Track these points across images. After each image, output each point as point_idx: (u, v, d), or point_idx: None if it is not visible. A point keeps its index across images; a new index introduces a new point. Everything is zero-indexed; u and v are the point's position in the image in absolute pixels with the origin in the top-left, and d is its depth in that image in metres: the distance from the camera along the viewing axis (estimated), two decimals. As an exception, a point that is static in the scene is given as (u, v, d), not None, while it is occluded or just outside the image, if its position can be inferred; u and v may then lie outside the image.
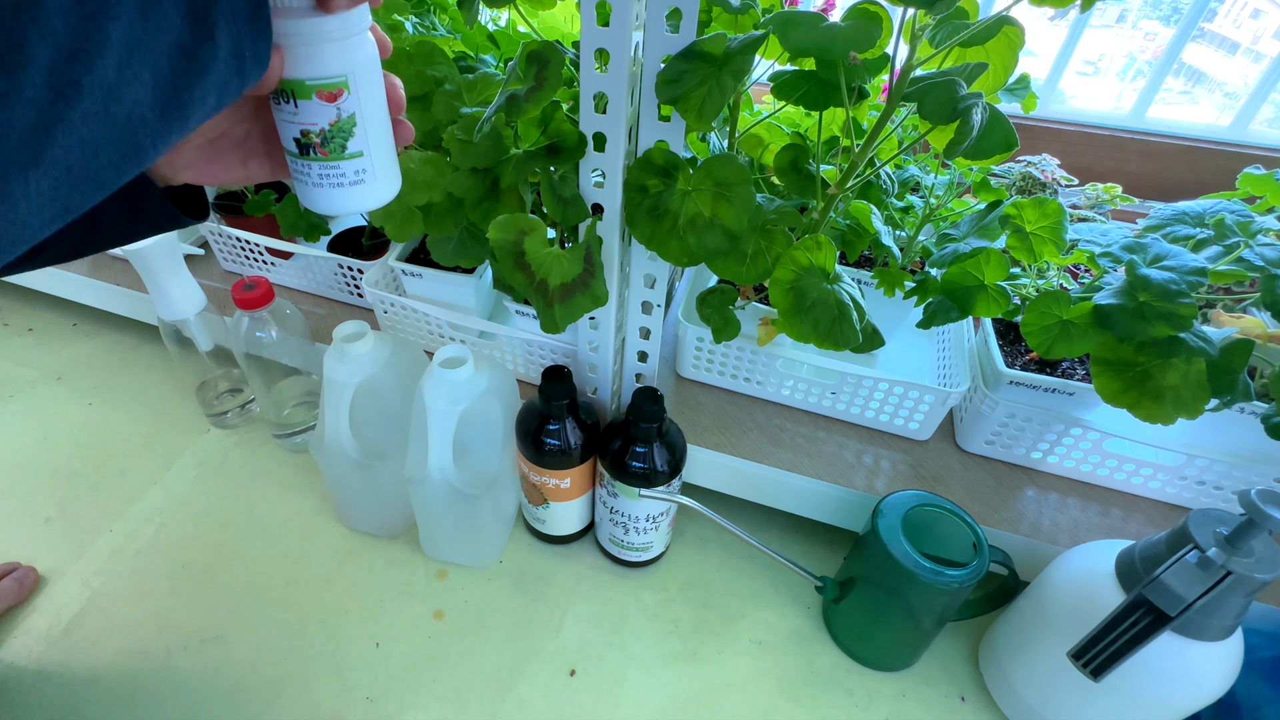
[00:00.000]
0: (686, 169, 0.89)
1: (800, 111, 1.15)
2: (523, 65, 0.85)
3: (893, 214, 1.21)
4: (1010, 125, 0.84)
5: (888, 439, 1.27)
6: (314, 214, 1.45)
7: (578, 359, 1.19)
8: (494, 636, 1.19)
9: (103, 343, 1.70)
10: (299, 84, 0.54)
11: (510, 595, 1.24)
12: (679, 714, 1.11)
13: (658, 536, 1.22)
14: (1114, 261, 0.95)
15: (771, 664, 1.17)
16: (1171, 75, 1.59)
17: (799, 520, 1.32)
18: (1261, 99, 1.56)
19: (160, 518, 1.33)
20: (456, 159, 0.96)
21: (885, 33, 0.85)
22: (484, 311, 1.38)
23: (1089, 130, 1.64)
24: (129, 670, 1.13)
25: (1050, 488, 1.20)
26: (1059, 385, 1.11)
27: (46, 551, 1.27)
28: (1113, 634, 0.85)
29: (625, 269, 1.07)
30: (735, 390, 1.33)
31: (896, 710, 1.12)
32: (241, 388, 1.49)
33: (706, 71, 0.80)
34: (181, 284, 1.26)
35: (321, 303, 1.54)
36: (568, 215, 0.96)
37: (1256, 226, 0.94)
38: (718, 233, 0.89)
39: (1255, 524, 0.77)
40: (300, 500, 1.34)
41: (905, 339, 1.39)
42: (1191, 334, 0.88)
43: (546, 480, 1.16)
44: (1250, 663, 0.92)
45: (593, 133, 0.91)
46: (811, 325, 0.93)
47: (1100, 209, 1.24)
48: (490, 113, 0.87)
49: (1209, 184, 1.44)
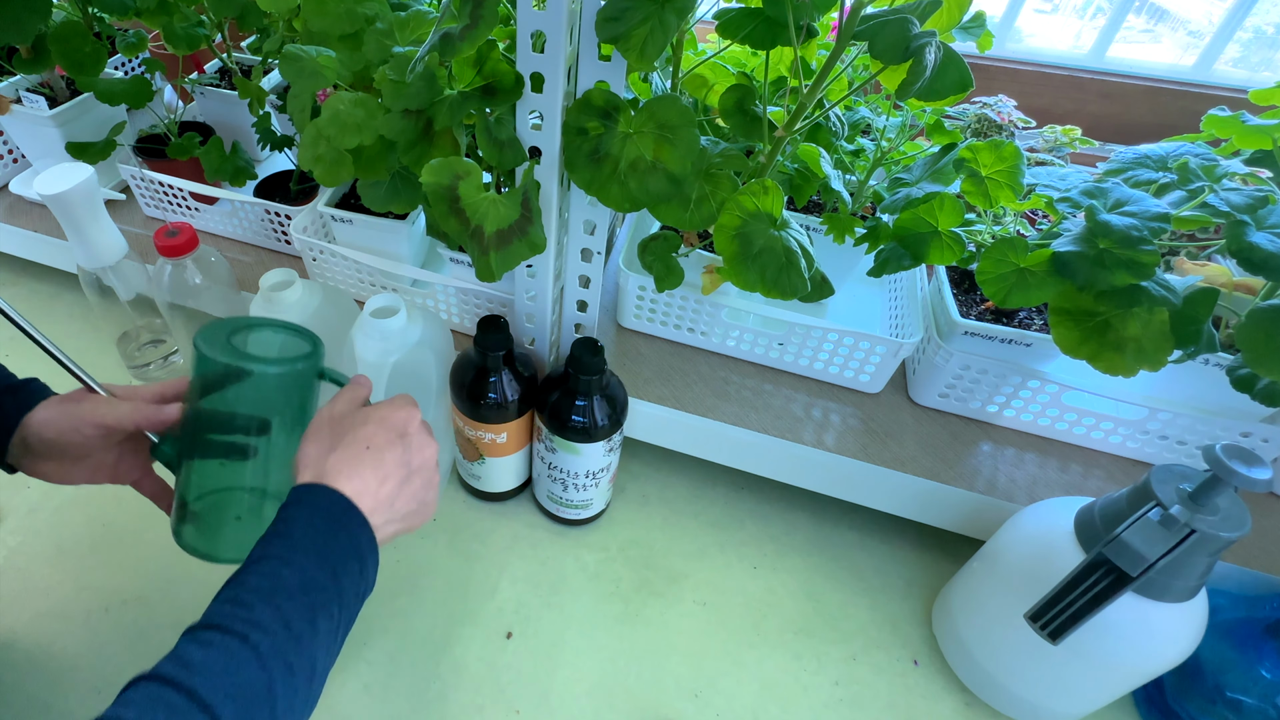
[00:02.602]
0: (628, 111, 0.86)
1: (746, 51, 1.11)
2: (457, 2, 0.81)
3: (843, 157, 1.17)
4: (965, 65, 0.81)
5: (837, 392, 1.24)
6: (240, 158, 1.41)
7: (515, 309, 1.15)
8: (427, 598, 1.16)
9: (19, 291, 1.65)
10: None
11: (444, 555, 1.22)
12: (620, 677, 1.09)
13: (598, 493, 1.19)
14: (1073, 207, 0.92)
15: (716, 626, 1.15)
16: (1133, 13, 1.56)
17: (746, 476, 1.29)
18: (1226, 38, 1.53)
19: (79, 474, 1.28)
20: (388, 100, 0.92)
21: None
22: (417, 259, 1.35)
23: (1047, 70, 1.61)
24: (47, 632, 1.10)
25: (1007, 443, 1.17)
26: (1016, 336, 1.09)
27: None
28: (1071, 595, 0.84)
29: (564, 215, 1.04)
30: (679, 341, 1.30)
31: (846, 673, 1.11)
32: (164, 338, 1.44)
33: (649, 9, 0.77)
34: (102, 230, 1.21)
35: (248, 250, 1.50)
36: (504, 159, 0.93)
37: (1221, 171, 0.92)
38: (660, 177, 0.87)
39: (1220, 480, 0.76)
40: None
41: (856, 288, 1.37)
42: (1154, 283, 0.85)
43: (482, 435, 1.13)
44: (1215, 625, 0.91)
45: (530, 73, 0.87)
46: (758, 273, 0.91)
47: (1059, 152, 1.22)
48: (423, 52, 0.84)
49: (1172, 126, 1.43)
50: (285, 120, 1.50)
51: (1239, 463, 0.74)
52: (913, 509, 1.15)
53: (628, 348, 1.29)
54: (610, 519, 1.28)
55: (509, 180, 1.03)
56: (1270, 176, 0.95)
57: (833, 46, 0.85)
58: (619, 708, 1.06)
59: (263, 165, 1.56)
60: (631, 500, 1.31)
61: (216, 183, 1.44)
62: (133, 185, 1.52)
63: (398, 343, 1.04)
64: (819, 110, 1.03)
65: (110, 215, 1.22)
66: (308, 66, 0.97)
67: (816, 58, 1.09)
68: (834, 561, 1.24)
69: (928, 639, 1.15)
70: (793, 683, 1.09)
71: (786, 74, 1.09)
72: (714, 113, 1.07)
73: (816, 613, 1.17)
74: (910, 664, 1.12)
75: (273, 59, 1.34)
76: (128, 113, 1.50)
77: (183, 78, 1.48)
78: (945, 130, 1.13)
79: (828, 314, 1.30)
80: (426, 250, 1.41)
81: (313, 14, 0.95)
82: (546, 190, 0.96)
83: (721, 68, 1.10)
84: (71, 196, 1.14)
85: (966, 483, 1.11)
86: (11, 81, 1.51)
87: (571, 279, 1.11)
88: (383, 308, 1.05)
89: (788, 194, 1.10)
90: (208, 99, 1.54)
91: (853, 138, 1.21)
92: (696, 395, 1.21)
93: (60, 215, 1.17)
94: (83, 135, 1.46)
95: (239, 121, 1.49)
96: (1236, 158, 0.98)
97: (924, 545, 1.26)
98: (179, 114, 1.53)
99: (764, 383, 1.24)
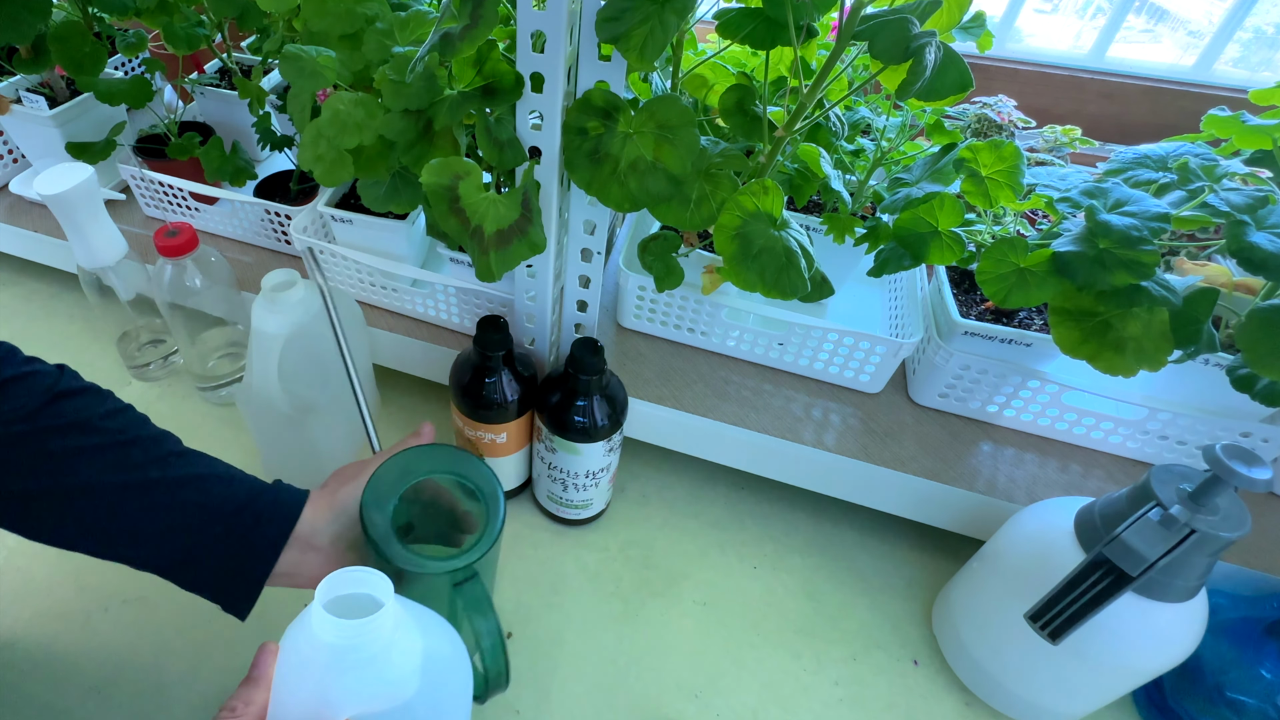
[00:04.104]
0: (628, 111, 0.86)
1: (746, 51, 1.10)
2: (457, 2, 0.81)
3: (843, 157, 1.17)
4: (965, 65, 0.81)
5: (837, 392, 1.23)
6: (240, 158, 1.41)
7: (514, 309, 1.15)
8: (428, 598, 1.15)
9: (20, 291, 1.64)
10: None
11: (445, 555, 1.20)
12: (620, 677, 1.09)
13: (598, 493, 1.19)
14: (1073, 207, 0.92)
15: (716, 626, 1.15)
16: (1133, 13, 1.55)
17: (746, 476, 1.28)
18: (1226, 38, 1.52)
19: (79, 474, 1.28)
20: (388, 100, 0.92)
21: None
22: (417, 259, 1.34)
23: (1047, 70, 1.60)
24: (48, 632, 1.10)
25: (1007, 442, 1.17)
26: (1016, 336, 1.08)
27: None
28: (1071, 595, 0.84)
29: (564, 215, 1.04)
30: (679, 341, 1.30)
31: (847, 673, 1.10)
32: (164, 338, 1.45)
33: (649, 9, 0.77)
34: (102, 230, 1.22)
35: (248, 250, 1.49)
36: (504, 159, 0.93)
37: (1221, 170, 0.91)
38: (660, 177, 0.87)
39: (1220, 480, 0.76)
40: (225, 455, 1.26)
41: (856, 288, 1.36)
42: (1154, 282, 0.85)
43: (482, 435, 1.13)
44: (1215, 625, 0.90)
45: (530, 73, 0.87)
46: (758, 273, 0.91)
47: (1059, 152, 1.22)
48: (423, 52, 0.84)
49: (1172, 126, 1.42)
50: (285, 120, 1.50)
51: (1239, 463, 0.74)
52: (913, 509, 1.15)
53: (628, 348, 1.28)
54: (610, 519, 1.28)
55: (509, 180, 1.03)
56: (1270, 176, 0.95)
57: (833, 46, 0.85)
58: (619, 708, 1.05)
59: (263, 165, 1.55)
60: (631, 500, 1.31)
61: (216, 183, 1.43)
62: (133, 185, 1.52)
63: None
64: (819, 110, 1.02)
65: (110, 215, 1.23)
66: (308, 66, 0.97)
67: (816, 58, 1.09)
68: (834, 561, 1.24)
69: (928, 639, 1.14)
70: (793, 683, 1.09)
71: (786, 74, 1.09)
72: (714, 113, 1.07)
73: (816, 612, 1.17)
74: (910, 664, 1.12)
75: (273, 59, 1.34)
76: (128, 113, 1.50)
77: (183, 78, 1.48)
78: (945, 130, 1.13)
79: (828, 314, 1.30)
80: (426, 250, 1.40)
81: (313, 14, 0.94)
82: (546, 190, 0.96)
83: (721, 68, 1.09)
84: (71, 196, 1.15)
85: (966, 483, 1.11)
86: (11, 81, 1.51)
87: (571, 279, 1.11)
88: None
89: (788, 194, 1.10)
90: (208, 99, 1.54)
91: (853, 138, 1.20)
92: (696, 395, 1.20)
93: (60, 215, 1.17)
94: (83, 135, 1.46)
95: (239, 121, 1.49)
96: (1236, 158, 0.97)
97: (924, 545, 1.26)
98: (179, 114, 1.53)
99: (764, 383, 1.24)
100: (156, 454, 0.87)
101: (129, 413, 0.91)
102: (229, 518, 0.85)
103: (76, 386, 0.89)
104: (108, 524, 0.83)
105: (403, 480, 0.88)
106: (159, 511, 0.84)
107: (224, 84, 1.54)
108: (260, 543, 0.85)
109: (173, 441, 0.91)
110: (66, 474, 0.82)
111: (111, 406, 0.89)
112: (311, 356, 1.13)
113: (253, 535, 0.85)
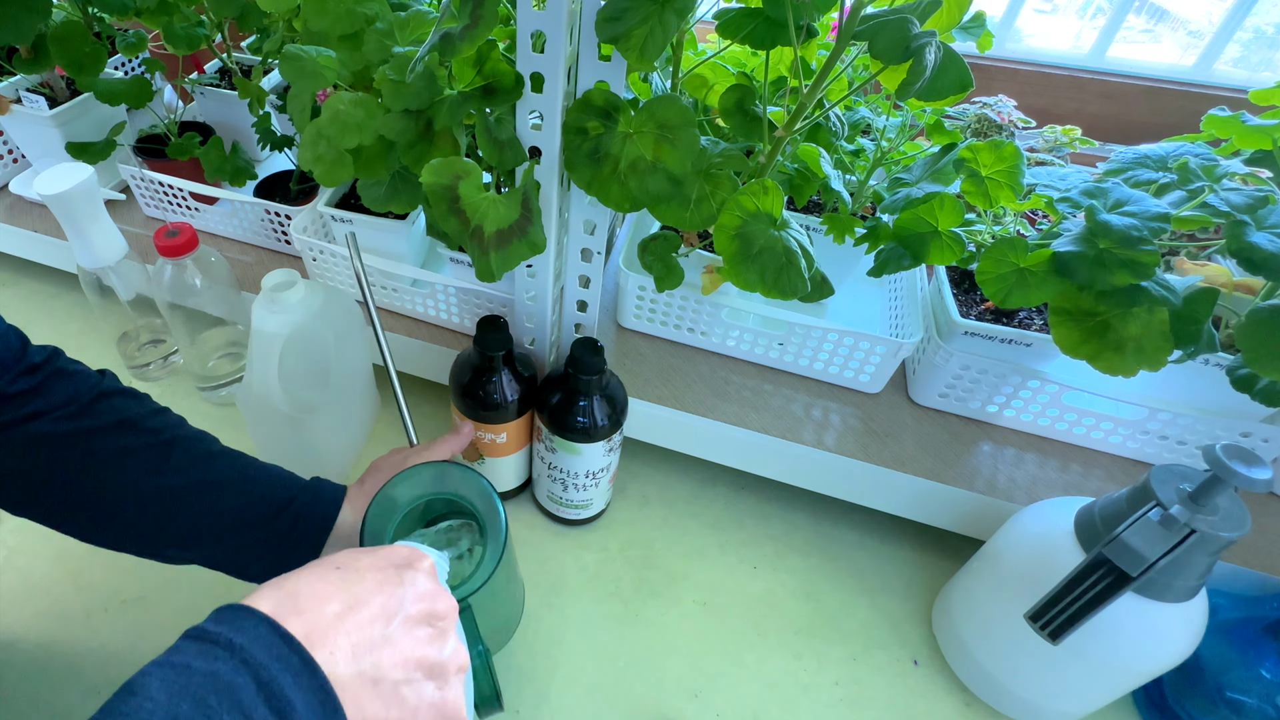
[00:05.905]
0: (628, 111, 0.86)
1: (746, 51, 1.10)
2: (457, 2, 0.81)
3: (843, 157, 1.17)
4: (965, 65, 0.80)
5: (837, 392, 1.23)
6: (240, 158, 1.41)
7: (514, 309, 1.15)
8: (428, 598, 1.14)
9: (20, 291, 1.64)
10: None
11: (445, 555, 1.20)
12: (620, 677, 1.09)
13: (598, 493, 1.19)
14: (1073, 207, 0.92)
15: (716, 626, 1.15)
16: (1133, 13, 1.55)
17: (746, 476, 1.28)
18: (1226, 37, 1.52)
19: (79, 475, 1.28)
20: (388, 100, 0.92)
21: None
22: (417, 259, 1.34)
23: (1047, 70, 1.60)
24: (47, 632, 1.10)
25: (1007, 443, 1.17)
26: (1016, 336, 1.08)
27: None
28: (1072, 595, 0.83)
29: (564, 215, 1.03)
30: (679, 341, 1.30)
31: (847, 674, 1.10)
32: (164, 338, 1.44)
33: (649, 8, 0.77)
34: (102, 230, 1.22)
35: (248, 250, 1.49)
36: (504, 159, 0.93)
37: (1221, 170, 0.91)
38: (660, 177, 0.87)
39: (1220, 480, 0.75)
40: (227, 457, 1.31)
41: (856, 288, 1.36)
42: (1154, 282, 0.85)
43: (482, 435, 1.13)
44: (1215, 625, 0.90)
45: (530, 73, 0.87)
46: (758, 273, 0.90)
47: (1059, 152, 1.22)
48: (423, 52, 0.84)
49: (1172, 126, 1.41)
50: (285, 120, 1.50)
51: (1239, 463, 0.74)
52: (913, 509, 1.15)
53: (628, 348, 1.28)
54: (610, 519, 1.28)
55: (509, 180, 1.03)
56: (1270, 176, 0.95)
57: (833, 46, 0.85)
58: (619, 708, 1.05)
59: (263, 165, 1.55)
60: (631, 500, 1.31)
61: (216, 183, 1.44)
62: (133, 185, 1.52)
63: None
64: (819, 110, 1.02)
65: (110, 215, 1.23)
66: (308, 66, 0.97)
67: (816, 58, 1.09)
68: (834, 561, 1.23)
69: (928, 639, 1.14)
70: (793, 683, 1.09)
71: (786, 74, 1.09)
72: (714, 113, 1.07)
73: (816, 612, 1.17)
74: (910, 664, 1.11)
75: (273, 59, 1.34)
76: (128, 113, 1.50)
77: (183, 78, 1.48)
78: (945, 130, 1.13)
79: (828, 314, 1.30)
80: (426, 250, 1.40)
81: (313, 14, 0.94)
82: (546, 190, 0.96)
83: (721, 68, 1.09)
84: (71, 196, 1.14)
85: (966, 483, 1.10)
86: (11, 81, 1.51)
87: (571, 279, 1.11)
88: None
89: (788, 194, 1.09)
90: (208, 99, 1.54)
91: (853, 138, 1.20)
92: (696, 395, 1.20)
93: (60, 215, 1.17)
94: (83, 135, 1.46)
95: (239, 121, 1.49)
96: (1236, 158, 0.97)
97: (924, 545, 1.26)
98: (179, 114, 1.53)
99: (764, 383, 1.24)
100: (198, 454, 0.90)
101: (167, 414, 0.94)
102: (269, 521, 0.88)
103: (118, 388, 0.91)
104: (154, 528, 0.87)
105: (401, 511, 0.92)
106: (203, 517, 0.87)
107: (224, 84, 1.54)
108: (303, 542, 0.89)
109: (211, 441, 0.94)
110: (115, 474, 0.84)
111: (152, 406, 0.93)
112: (311, 356, 1.13)
113: (293, 535, 0.89)
